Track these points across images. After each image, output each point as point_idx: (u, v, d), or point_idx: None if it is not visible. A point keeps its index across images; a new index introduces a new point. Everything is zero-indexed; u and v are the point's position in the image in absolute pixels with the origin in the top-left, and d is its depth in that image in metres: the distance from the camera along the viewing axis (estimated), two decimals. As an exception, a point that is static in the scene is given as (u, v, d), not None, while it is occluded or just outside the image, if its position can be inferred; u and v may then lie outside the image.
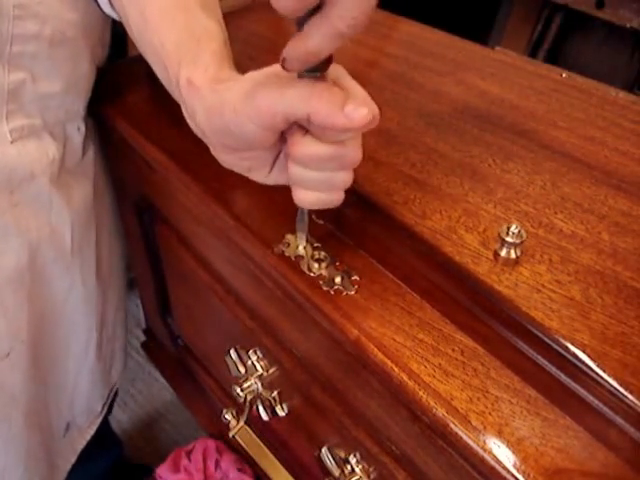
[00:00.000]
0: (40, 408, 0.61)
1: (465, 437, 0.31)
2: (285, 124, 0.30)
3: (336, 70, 0.31)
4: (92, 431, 0.73)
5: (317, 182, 0.32)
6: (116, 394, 0.83)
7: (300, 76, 0.29)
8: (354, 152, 0.31)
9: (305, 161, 0.31)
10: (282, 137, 0.33)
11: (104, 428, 0.92)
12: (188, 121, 0.37)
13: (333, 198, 0.34)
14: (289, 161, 0.33)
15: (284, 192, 0.46)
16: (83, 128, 0.54)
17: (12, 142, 0.46)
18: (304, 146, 0.31)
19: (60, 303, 0.58)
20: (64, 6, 0.45)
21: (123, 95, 0.57)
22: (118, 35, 0.52)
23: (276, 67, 0.31)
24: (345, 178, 0.33)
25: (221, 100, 0.32)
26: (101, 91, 0.55)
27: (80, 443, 0.72)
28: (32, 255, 0.52)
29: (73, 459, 0.71)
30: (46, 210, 0.52)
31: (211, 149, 0.36)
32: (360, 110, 0.28)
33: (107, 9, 0.46)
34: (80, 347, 0.64)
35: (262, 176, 0.36)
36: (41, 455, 0.64)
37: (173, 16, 0.38)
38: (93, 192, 0.58)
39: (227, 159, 0.35)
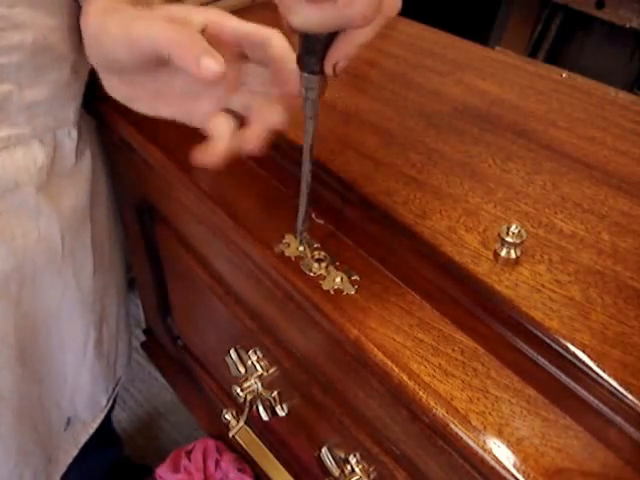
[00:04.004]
0: (34, 406, 0.62)
1: (465, 437, 0.31)
2: (154, 55, 0.32)
3: (213, 13, 0.33)
4: (96, 425, 0.74)
5: None
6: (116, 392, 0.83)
7: (303, 79, 0.30)
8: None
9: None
10: (159, 66, 0.34)
11: (106, 425, 0.92)
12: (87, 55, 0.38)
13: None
14: None
15: (284, 192, 0.46)
16: (75, 133, 0.53)
17: None
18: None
19: (54, 305, 0.58)
20: (44, 12, 0.44)
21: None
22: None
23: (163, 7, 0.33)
24: None
25: (103, 26, 0.34)
26: (100, 91, 0.55)
27: (83, 436, 0.73)
28: (19, 262, 0.52)
29: (74, 452, 0.72)
30: (33, 217, 0.51)
31: (101, 79, 0.38)
32: (210, 65, 0.29)
33: None
34: (78, 346, 0.64)
35: (145, 107, 0.37)
36: (34, 451, 0.65)
37: None
38: (90, 193, 0.58)
39: (111, 85, 0.37)
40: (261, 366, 0.54)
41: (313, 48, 0.28)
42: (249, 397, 0.54)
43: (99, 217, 0.62)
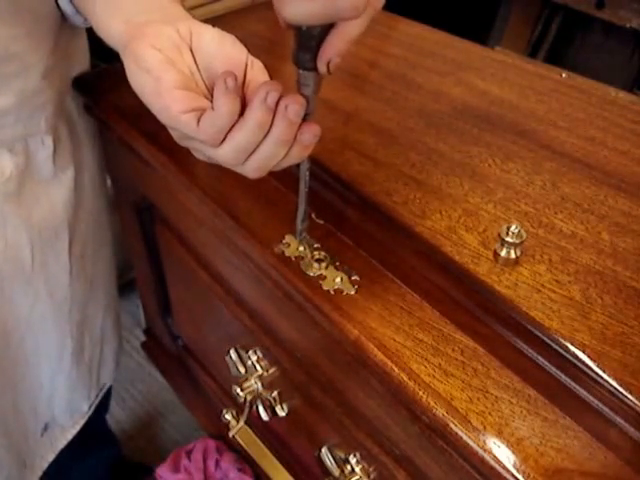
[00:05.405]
0: (8, 412, 0.61)
1: (465, 437, 0.31)
2: None
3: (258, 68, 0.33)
4: (75, 430, 0.73)
5: None
6: (110, 393, 0.83)
7: (298, 76, 0.30)
8: None
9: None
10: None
11: (101, 427, 0.92)
12: None
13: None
14: None
15: (284, 192, 0.46)
16: (49, 141, 0.52)
17: None
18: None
19: (24, 314, 0.57)
20: (6, 23, 0.42)
21: (122, 95, 0.57)
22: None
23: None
24: None
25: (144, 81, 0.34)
26: (100, 91, 0.55)
27: (61, 442, 0.72)
28: None
29: (51, 457, 0.71)
30: None
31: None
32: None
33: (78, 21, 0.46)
34: (53, 354, 0.63)
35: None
36: (5, 457, 0.64)
37: None
38: (71, 204, 0.56)
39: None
40: (261, 366, 0.54)
41: (308, 44, 0.28)
42: (249, 397, 0.54)
43: (81, 227, 0.60)
